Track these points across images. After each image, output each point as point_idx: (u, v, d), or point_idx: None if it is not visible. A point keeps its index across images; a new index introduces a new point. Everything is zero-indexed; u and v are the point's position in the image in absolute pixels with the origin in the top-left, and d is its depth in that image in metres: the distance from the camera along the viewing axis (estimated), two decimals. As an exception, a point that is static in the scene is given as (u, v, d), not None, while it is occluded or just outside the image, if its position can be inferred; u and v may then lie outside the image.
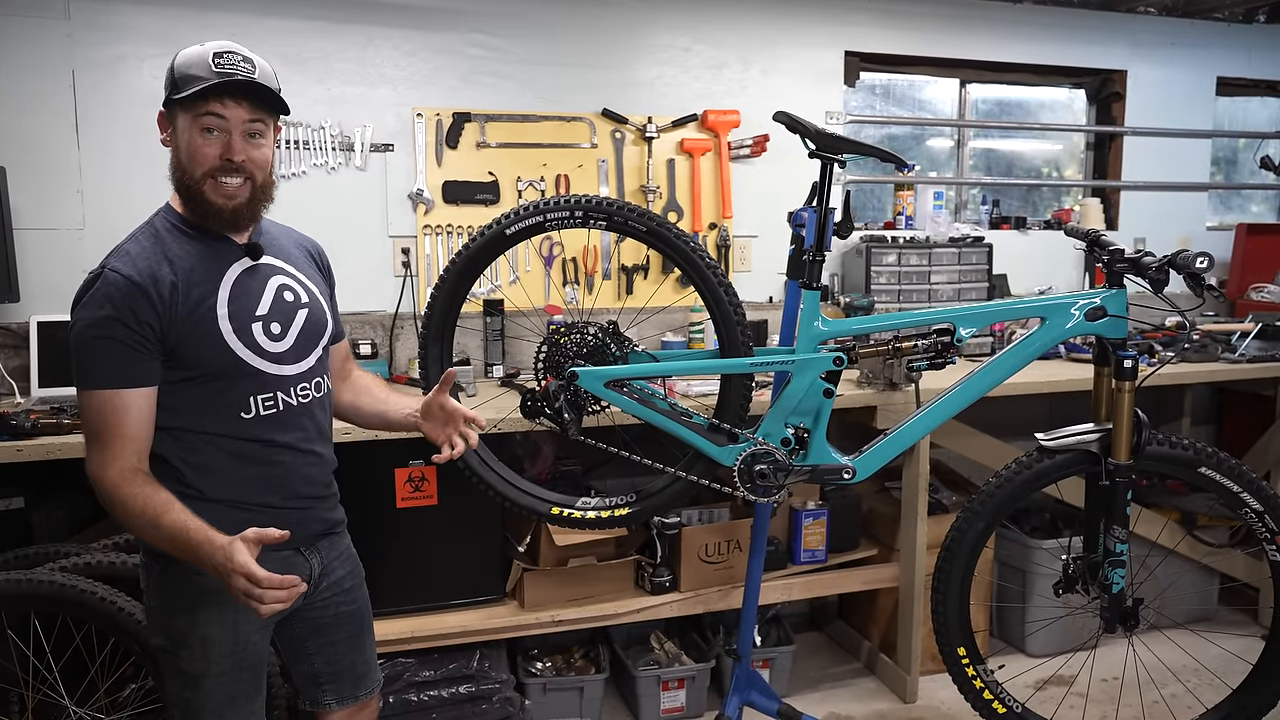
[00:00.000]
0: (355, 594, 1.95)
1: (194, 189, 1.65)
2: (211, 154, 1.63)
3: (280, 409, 1.74)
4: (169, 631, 1.71)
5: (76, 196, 2.99)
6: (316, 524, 1.83)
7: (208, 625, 1.69)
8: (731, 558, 3.05)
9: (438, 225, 3.35)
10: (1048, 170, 4.58)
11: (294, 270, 1.82)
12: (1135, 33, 4.25)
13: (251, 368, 1.69)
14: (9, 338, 2.92)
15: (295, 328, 1.77)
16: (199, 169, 1.63)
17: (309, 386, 1.79)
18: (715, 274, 2.14)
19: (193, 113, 1.61)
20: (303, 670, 1.92)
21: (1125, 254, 2.21)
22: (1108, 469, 2.24)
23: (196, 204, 1.66)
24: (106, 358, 1.58)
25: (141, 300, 1.58)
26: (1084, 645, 3.12)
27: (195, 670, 1.70)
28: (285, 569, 1.73)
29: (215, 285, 1.67)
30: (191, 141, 1.63)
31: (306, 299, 1.81)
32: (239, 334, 1.68)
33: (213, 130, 1.62)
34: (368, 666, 1.99)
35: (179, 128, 1.64)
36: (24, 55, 2.91)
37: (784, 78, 3.74)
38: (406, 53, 3.30)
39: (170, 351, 1.63)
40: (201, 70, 1.60)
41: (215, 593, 1.65)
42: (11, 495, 2.54)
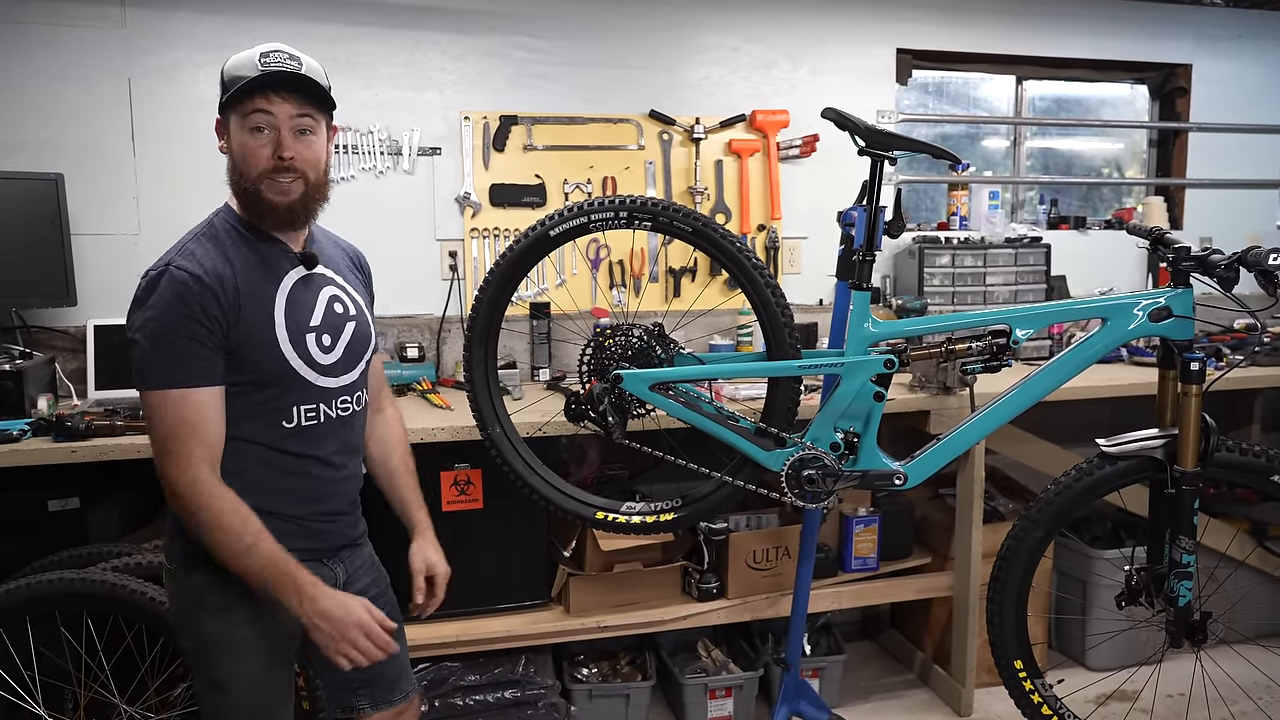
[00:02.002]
0: (382, 600, 1.93)
1: (250, 190, 1.64)
2: (264, 155, 1.62)
3: (321, 420, 1.74)
4: (197, 636, 1.71)
5: (132, 202, 3.05)
6: (340, 536, 1.83)
7: (238, 629, 1.68)
8: (780, 564, 2.99)
9: (485, 228, 3.36)
10: (1108, 170, 4.45)
11: (343, 281, 1.82)
12: (1200, 25, 4.11)
13: (301, 378, 1.69)
14: (67, 341, 2.98)
15: (344, 340, 1.77)
16: (254, 171, 1.63)
17: (350, 400, 1.79)
18: (762, 275, 2.10)
19: (241, 113, 1.62)
20: (333, 676, 1.91)
21: (1191, 252, 2.12)
22: (1173, 476, 2.15)
23: (254, 205, 1.66)
24: (181, 354, 1.56)
25: (211, 298, 1.58)
26: (1148, 660, 3.01)
27: (224, 676, 1.70)
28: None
29: (273, 293, 1.67)
30: (243, 143, 1.63)
31: (354, 311, 1.81)
32: (294, 344, 1.68)
33: (262, 129, 1.62)
34: (401, 671, 1.98)
35: (231, 131, 1.65)
36: (82, 64, 2.97)
37: (834, 76, 3.68)
38: (454, 56, 3.30)
39: (229, 354, 1.62)
40: (248, 70, 1.61)
41: (243, 598, 1.66)
42: (68, 496, 2.58)
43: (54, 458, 2.33)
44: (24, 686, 2.30)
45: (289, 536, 1.69)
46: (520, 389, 3.08)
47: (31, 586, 2.22)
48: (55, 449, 2.33)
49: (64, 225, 2.84)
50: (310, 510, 1.74)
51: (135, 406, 2.59)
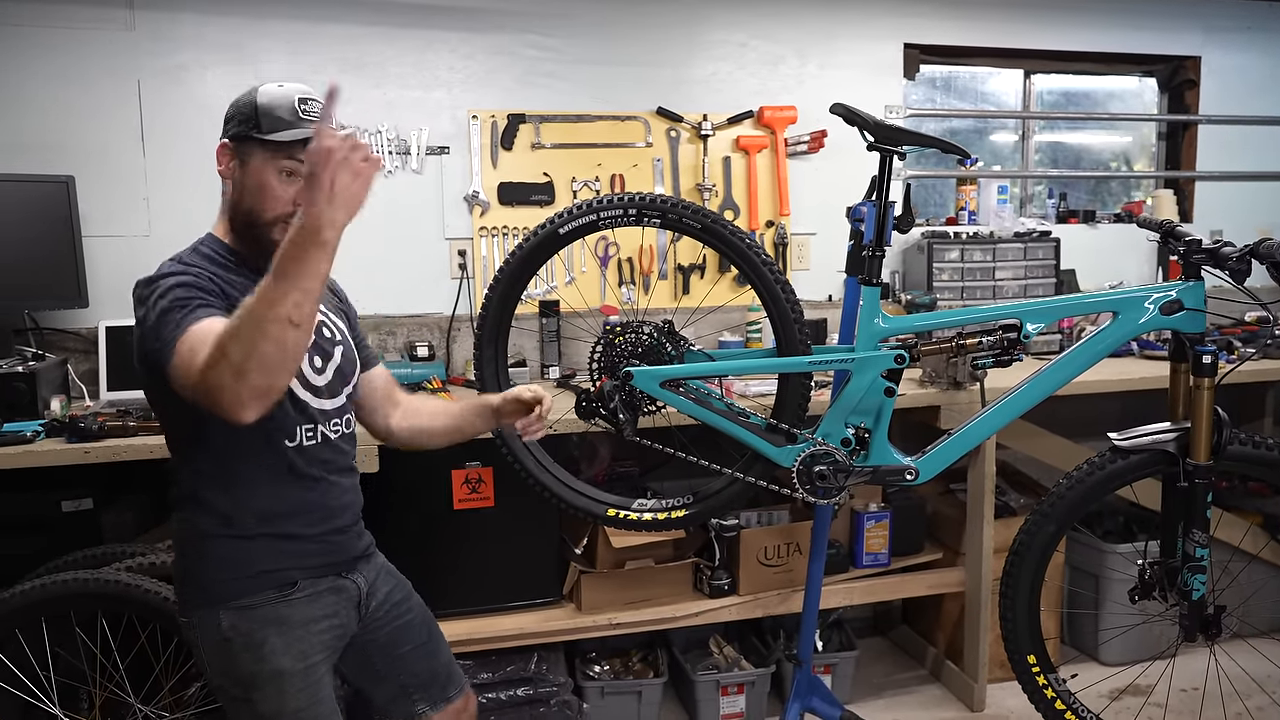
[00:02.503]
0: (407, 604, 1.94)
1: (260, 228, 1.64)
2: (286, 198, 1.62)
3: (319, 440, 1.74)
4: (237, 676, 1.67)
5: (142, 204, 3.06)
6: (352, 548, 1.83)
7: (276, 659, 1.66)
8: (791, 560, 2.99)
9: (493, 227, 3.36)
10: (1117, 163, 4.44)
11: (325, 308, 1.83)
12: (1209, 17, 4.09)
13: (300, 399, 1.70)
14: (79, 342, 2.99)
15: (333, 364, 1.78)
16: (271, 212, 1.62)
17: (340, 422, 1.80)
18: (771, 271, 2.10)
19: (274, 155, 1.61)
20: (386, 690, 1.92)
21: (1203, 244, 2.11)
22: (1186, 469, 2.14)
23: (258, 242, 1.64)
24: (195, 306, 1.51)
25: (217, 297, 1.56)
26: (1162, 654, 3.00)
27: (271, 710, 1.67)
28: (335, 595, 1.75)
29: None
30: (266, 183, 1.62)
31: (340, 337, 1.83)
32: None
33: (291, 174, 1.62)
34: (449, 668, 1.99)
35: (251, 165, 1.63)
36: (91, 67, 2.99)
37: (841, 72, 3.68)
38: (463, 55, 3.31)
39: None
40: (286, 114, 1.61)
41: (276, 624, 1.66)
42: (81, 496, 2.59)
43: (67, 458, 2.34)
44: (40, 686, 2.31)
45: (308, 555, 1.71)
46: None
47: (46, 587, 2.23)
48: (69, 450, 2.34)
49: (75, 227, 2.85)
50: (322, 526, 1.74)
51: (147, 408, 2.59)
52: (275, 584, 1.67)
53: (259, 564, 1.66)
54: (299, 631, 1.68)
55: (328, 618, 1.73)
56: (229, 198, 1.67)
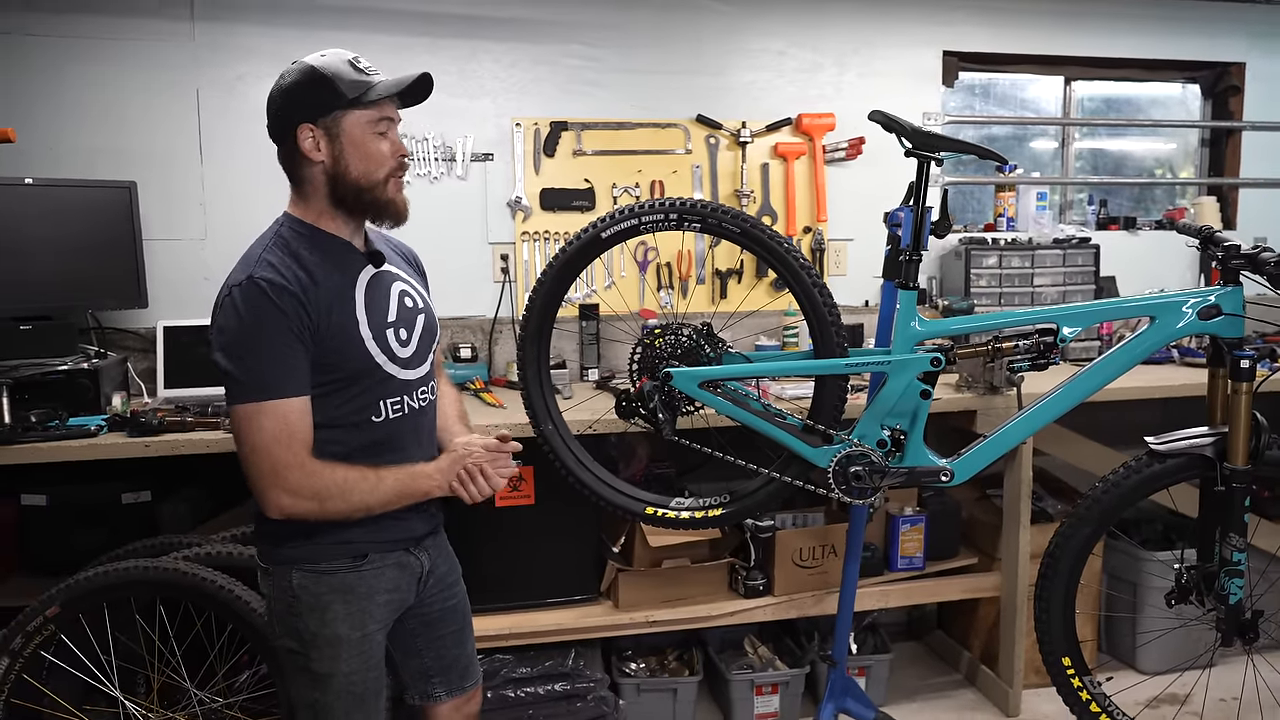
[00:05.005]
0: (456, 589, 2.01)
1: (374, 189, 1.71)
2: (389, 155, 1.71)
3: (406, 413, 1.80)
4: (299, 633, 1.75)
5: (199, 209, 3.17)
6: (425, 524, 1.89)
7: (336, 624, 1.74)
8: (826, 562, 3.02)
9: (535, 232, 3.43)
10: (1161, 170, 4.41)
11: (407, 276, 1.88)
12: (1253, 23, 4.06)
13: (385, 373, 1.75)
14: (138, 341, 3.10)
15: (417, 333, 1.83)
16: (381, 171, 1.71)
17: (427, 391, 1.86)
18: (809, 274, 2.13)
19: (368, 117, 1.68)
20: (414, 665, 1.98)
21: (1241, 249, 2.12)
22: (1223, 474, 2.14)
23: (369, 204, 1.72)
24: (283, 363, 1.60)
25: (296, 303, 1.62)
26: (1199, 662, 2.98)
27: (325, 670, 1.75)
28: (399, 570, 1.81)
29: (352, 292, 1.72)
30: (369, 145, 1.69)
31: (421, 305, 1.87)
32: (377, 340, 1.73)
33: (384, 133, 1.71)
34: (470, 659, 2.05)
35: (347, 133, 1.67)
36: (153, 77, 3.11)
37: (880, 79, 3.71)
38: (507, 65, 3.39)
39: (316, 356, 1.66)
40: (352, 74, 1.68)
41: (343, 592, 1.74)
42: (139, 489, 2.69)
43: (129, 452, 2.44)
44: (101, 669, 2.40)
45: (384, 529, 1.77)
46: (570, 388, 3.14)
47: (109, 573, 2.32)
48: (130, 443, 2.44)
49: (136, 231, 2.97)
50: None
51: (204, 404, 2.70)
52: (348, 554, 1.74)
53: (336, 534, 1.73)
54: (362, 602, 1.75)
55: (389, 591, 1.80)
56: (327, 174, 1.70)
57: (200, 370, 2.91)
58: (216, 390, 2.81)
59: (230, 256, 1.74)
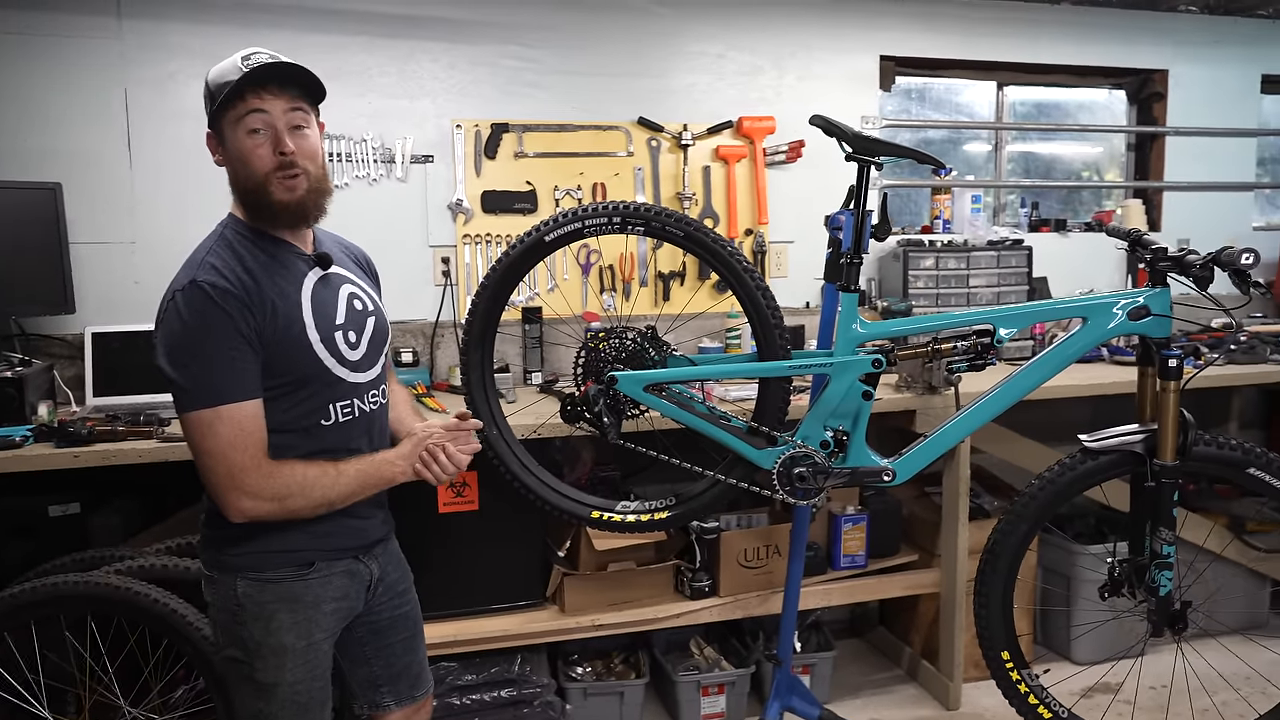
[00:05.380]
0: (407, 596, 1.98)
1: (257, 191, 1.65)
2: (266, 154, 1.64)
3: (355, 416, 1.77)
4: (243, 642, 1.72)
5: (128, 211, 3.08)
6: (376, 531, 1.87)
7: (282, 634, 1.71)
8: (771, 563, 3.05)
9: (477, 234, 3.40)
10: (1088, 173, 4.53)
11: (357, 279, 1.86)
12: (1176, 32, 4.20)
13: (334, 376, 1.72)
14: (65, 348, 3.00)
15: (366, 335, 1.80)
16: (259, 172, 1.64)
17: (377, 393, 1.83)
18: (752, 277, 2.15)
19: (236, 116, 1.63)
20: (362, 674, 1.95)
21: (1168, 252, 2.19)
22: (1153, 470, 2.21)
23: (263, 208, 1.67)
24: (232, 368, 1.58)
25: (242, 306, 1.59)
26: (1131, 652, 3.08)
27: (269, 680, 1.72)
28: (347, 578, 1.79)
29: (298, 296, 1.69)
30: (242, 146, 1.64)
31: (372, 307, 1.85)
32: (325, 343, 1.71)
33: (259, 130, 1.63)
34: (421, 667, 2.03)
35: (227, 139, 1.65)
36: (79, 75, 3.01)
37: (819, 83, 3.75)
38: (446, 65, 3.35)
39: (263, 360, 1.64)
40: (233, 75, 1.62)
41: (288, 600, 1.71)
42: (68, 501, 2.61)
43: (57, 463, 2.36)
44: (28, 689, 2.32)
45: (331, 536, 1.74)
46: (514, 392, 3.12)
47: (36, 590, 2.25)
48: (58, 454, 2.36)
49: (62, 234, 2.87)
50: (349, 508, 1.75)
51: (135, 412, 2.62)
52: (293, 563, 1.72)
53: (282, 542, 1.70)
54: (309, 611, 1.72)
55: (337, 599, 1.77)
56: (229, 179, 1.69)
57: (131, 377, 2.83)
58: (149, 398, 2.75)
59: (162, 260, 1.72)
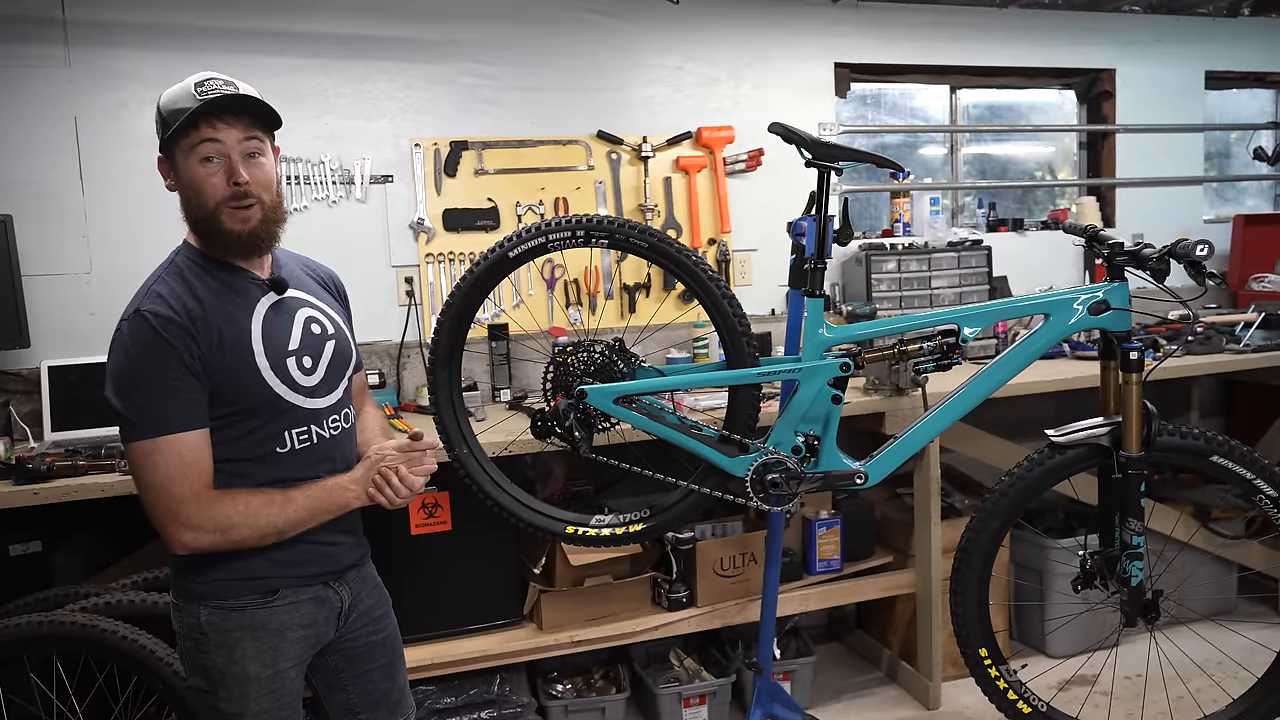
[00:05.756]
0: (384, 622, 1.94)
1: (209, 220, 1.63)
2: (219, 184, 1.61)
3: (314, 442, 1.74)
4: (207, 671, 1.69)
5: (82, 241, 3.02)
6: (347, 557, 1.83)
7: (245, 663, 1.68)
8: (747, 570, 3.05)
9: (439, 253, 3.38)
10: (1041, 172, 4.61)
11: (318, 302, 1.82)
12: (1122, 31, 4.28)
13: (287, 403, 1.69)
14: (21, 383, 2.94)
15: (324, 360, 1.77)
16: (210, 201, 1.62)
17: (339, 418, 1.80)
18: (718, 286, 2.16)
19: (188, 145, 1.60)
20: (338, 701, 1.91)
21: (1125, 247, 2.23)
22: (1120, 461, 2.25)
23: (214, 237, 1.64)
24: (174, 399, 1.56)
25: (185, 335, 1.57)
26: (1105, 643, 3.11)
27: (234, 710, 1.69)
28: (315, 605, 1.76)
29: (247, 322, 1.66)
30: (194, 175, 1.61)
31: (333, 330, 1.81)
32: (275, 370, 1.67)
33: (212, 158, 1.61)
34: (402, 694, 1.99)
35: (179, 165, 1.63)
36: (27, 104, 2.95)
37: (775, 92, 3.78)
38: (402, 85, 3.33)
39: (211, 388, 1.61)
40: (186, 102, 1.59)
41: (252, 629, 1.67)
42: (29, 539, 2.54)
43: (15, 501, 2.30)
44: (-7, 734, 2.27)
45: (298, 563, 1.71)
46: (483, 410, 3.10)
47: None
48: (17, 492, 2.30)
49: (14, 266, 2.81)
50: (313, 533, 1.72)
51: (96, 446, 2.57)
52: (257, 590, 1.69)
53: (244, 570, 1.67)
54: (273, 639, 1.69)
55: (304, 627, 1.74)
56: (181, 205, 1.67)
57: (90, 411, 2.77)
58: (109, 431, 2.69)
59: (117, 290, 1.69)
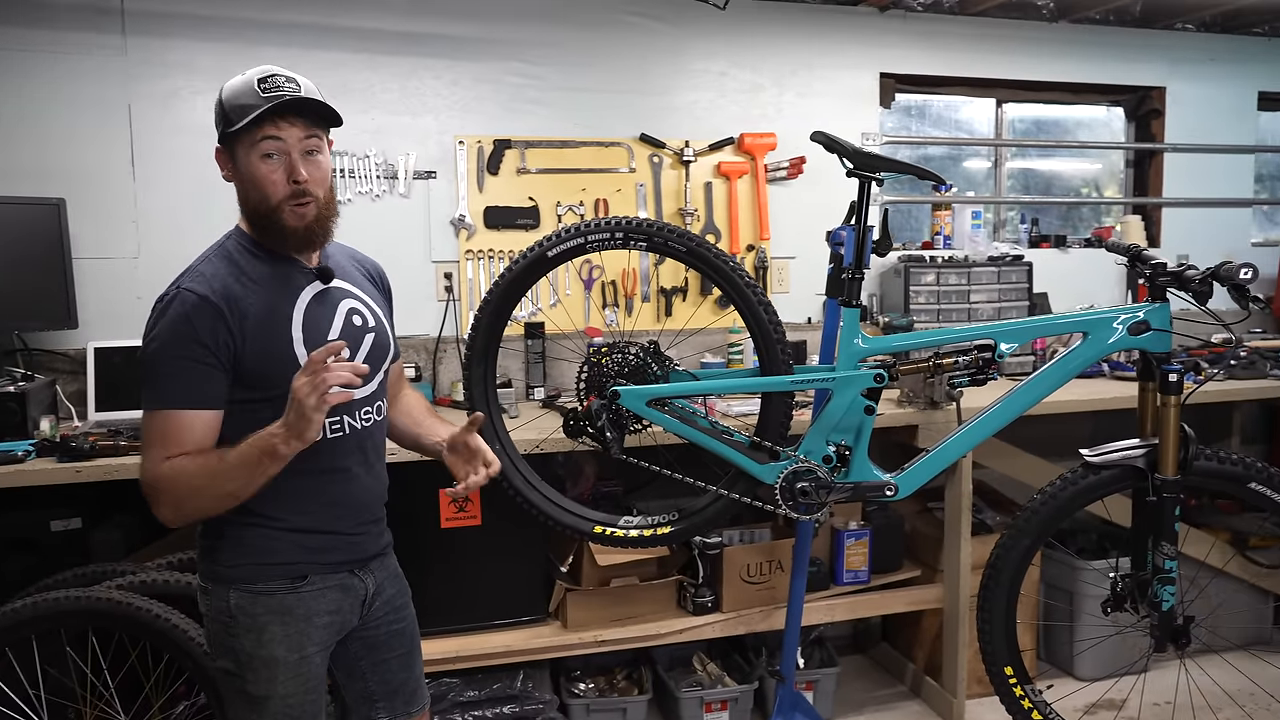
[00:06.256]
0: (405, 612, 1.97)
1: (270, 216, 1.66)
2: (280, 180, 1.64)
3: (346, 432, 1.76)
4: (235, 654, 1.72)
5: (131, 226, 3.09)
6: (371, 545, 1.86)
7: (273, 646, 1.70)
8: (774, 578, 3.04)
9: (479, 250, 3.41)
10: (1087, 190, 4.56)
11: (362, 294, 1.84)
12: (1173, 49, 4.23)
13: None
14: (68, 363, 3.01)
15: (363, 352, 1.79)
16: (273, 197, 1.65)
17: (371, 410, 1.82)
18: (754, 292, 2.16)
19: (251, 141, 1.63)
20: (356, 688, 1.93)
21: (1168, 267, 2.20)
22: (1155, 484, 2.22)
23: (272, 229, 1.68)
24: (178, 377, 1.60)
25: (217, 320, 1.60)
26: (1134, 668, 3.07)
27: (260, 693, 1.71)
28: (341, 593, 1.78)
29: (290, 309, 1.69)
30: (255, 171, 1.64)
31: (374, 322, 1.83)
32: None
33: (273, 155, 1.64)
34: (418, 684, 2.01)
35: (239, 159, 1.66)
36: (84, 92, 3.03)
37: (819, 100, 3.77)
38: (449, 82, 3.37)
39: (243, 373, 1.64)
40: (249, 98, 1.62)
41: (280, 613, 1.70)
42: (70, 516, 2.61)
43: (58, 478, 2.36)
44: (29, 705, 2.31)
45: (326, 550, 1.74)
46: (516, 407, 3.12)
47: (38, 605, 2.24)
48: (60, 469, 2.36)
49: (65, 249, 2.88)
50: (347, 522, 1.77)
51: (137, 427, 2.61)
52: (287, 575, 1.71)
53: (275, 555, 1.70)
54: (301, 624, 1.72)
55: (330, 613, 1.76)
56: (239, 197, 1.71)
57: (133, 392, 2.80)
58: (151, 413, 2.74)
59: (164, 275, 1.71)
